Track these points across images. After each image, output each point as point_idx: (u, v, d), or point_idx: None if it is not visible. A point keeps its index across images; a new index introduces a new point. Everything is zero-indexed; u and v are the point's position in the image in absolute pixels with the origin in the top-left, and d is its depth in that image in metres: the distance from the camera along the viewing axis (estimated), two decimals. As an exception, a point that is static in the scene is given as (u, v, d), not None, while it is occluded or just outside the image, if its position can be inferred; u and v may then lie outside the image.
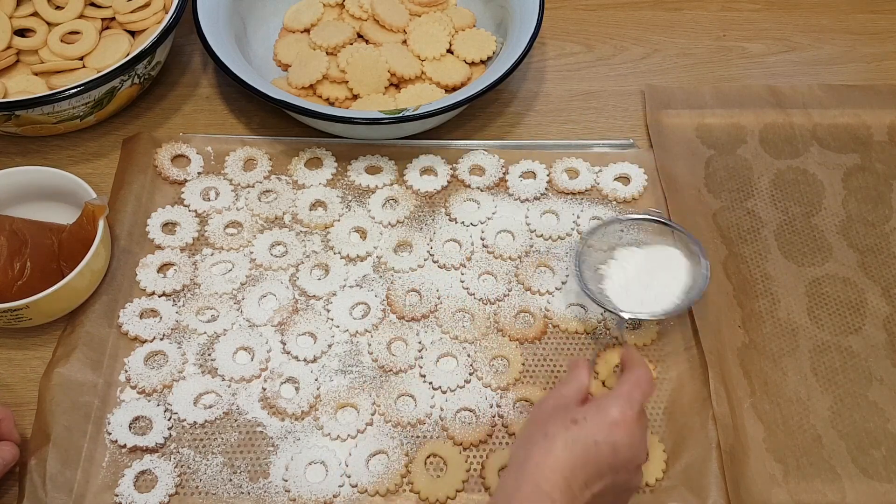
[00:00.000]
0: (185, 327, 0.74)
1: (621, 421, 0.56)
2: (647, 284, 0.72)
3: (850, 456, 0.68)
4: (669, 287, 0.72)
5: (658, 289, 0.72)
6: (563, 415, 0.57)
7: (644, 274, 0.73)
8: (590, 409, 0.57)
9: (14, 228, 0.71)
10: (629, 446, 0.56)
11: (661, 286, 0.72)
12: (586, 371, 0.61)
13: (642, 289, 0.72)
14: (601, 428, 0.56)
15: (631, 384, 0.59)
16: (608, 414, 0.56)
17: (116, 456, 0.67)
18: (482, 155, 0.85)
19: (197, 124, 0.88)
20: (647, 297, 0.72)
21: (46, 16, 0.86)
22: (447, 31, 0.89)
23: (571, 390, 0.60)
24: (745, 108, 0.90)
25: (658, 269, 0.73)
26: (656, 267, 0.73)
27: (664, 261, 0.74)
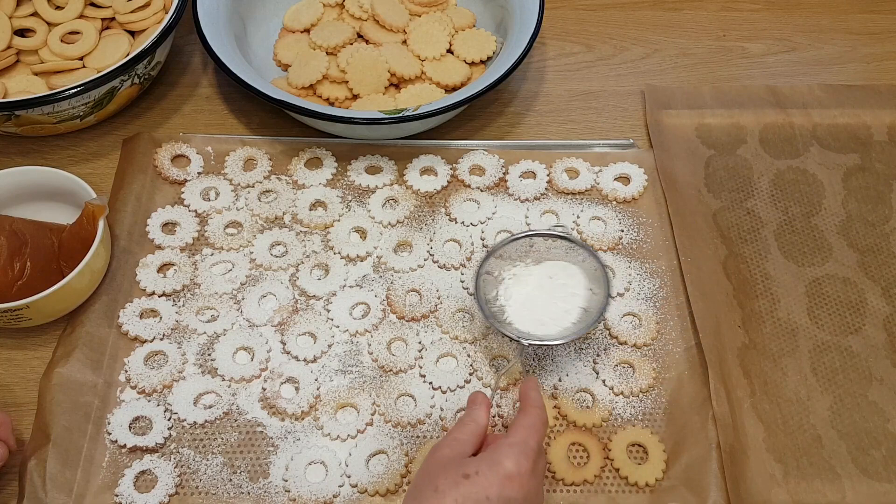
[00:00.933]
0: (185, 327, 0.74)
1: (515, 474, 0.54)
2: (545, 304, 0.69)
3: (850, 456, 0.68)
4: (569, 306, 0.69)
5: (557, 309, 0.69)
6: (455, 468, 0.55)
7: (543, 292, 0.70)
8: (483, 461, 0.55)
9: (14, 228, 0.71)
10: (524, 499, 0.55)
11: (559, 306, 0.69)
12: (485, 410, 0.60)
13: (541, 310, 0.69)
14: (494, 483, 0.54)
15: (525, 429, 0.57)
16: (502, 467, 0.54)
17: (116, 456, 0.67)
18: (482, 155, 0.85)
19: (197, 124, 0.88)
20: (546, 317, 0.69)
21: (46, 16, 0.86)
22: (447, 31, 0.89)
23: (467, 434, 0.58)
24: (745, 108, 0.90)
25: (557, 288, 0.70)
26: (555, 285, 0.70)
27: (563, 278, 0.70)
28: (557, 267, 0.71)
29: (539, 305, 0.69)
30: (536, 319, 0.69)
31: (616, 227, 0.80)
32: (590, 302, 0.69)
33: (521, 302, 0.70)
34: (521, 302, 0.70)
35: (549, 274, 0.71)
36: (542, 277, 0.71)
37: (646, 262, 0.78)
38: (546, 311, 0.69)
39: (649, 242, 0.80)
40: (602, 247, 0.79)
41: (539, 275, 0.71)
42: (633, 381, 0.71)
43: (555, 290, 0.70)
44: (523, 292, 0.70)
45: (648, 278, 0.77)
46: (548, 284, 0.70)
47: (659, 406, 0.70)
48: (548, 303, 0.69)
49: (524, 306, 0.69)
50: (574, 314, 0.69)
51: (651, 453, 0.68)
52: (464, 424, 0.59)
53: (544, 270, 0.71)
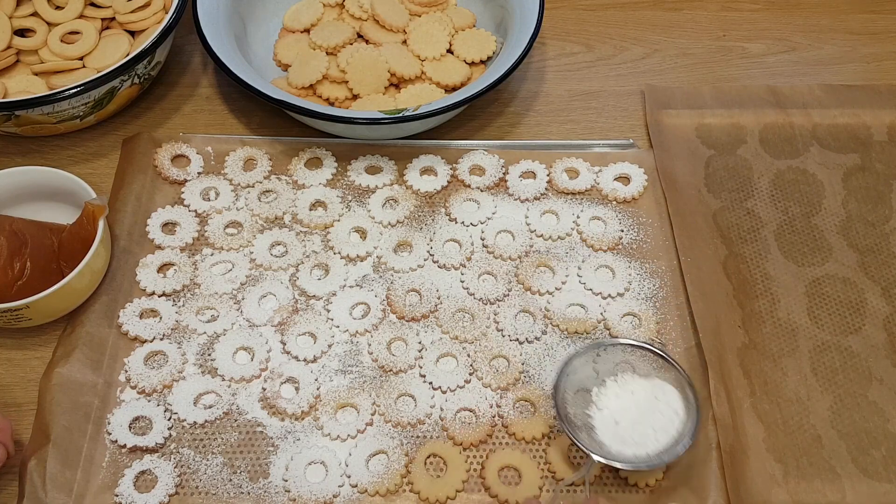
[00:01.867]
0: (185, 327, 0.74)
1: None
2: (632, 424, 0.64)
3: (850, 456, 0.68)
4: (658, 431, 0.64)
5: (642, 433, 0.64)
6: None
7: (633, 413, 0.65)
8: None
9: (14, 228, 0.71)
10: None
11: (645, 431, 0.64)
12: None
13: (626, 427, 0.64)
14: None
15: None
16: None
17: (116, 456, 0.67)
18: (482, 155, 0.85)
19: (197, 124, 0.88)
20: (627, 436, 0.64)
21: (46, 16, 0.86)
22: (447, 31, 0.89)
23: None
24: (745, 108, 0.90)
25: (649, 412, 0.65)
26: (648, 409, 0.65)
27: (658, 403, 0.65)
28: (662, 388, 0.66)
29: (630, 422, 0.64)
30: (621, 435, 0.64)
31: (616, 227, 0.80)
32: (680, 432, 0.64)
33: (613, 411, 0.65)
34: (613, 411, 0.65)
35: (654, 393, 0.65)
36: (645, 393, 0.65)
37: (646, 262, 0.78)
38: (635, 430, 0.64)
39: (649, 242, 0.80)
40: (602, 247, 0.79)
41: (643, 389, 0.66)
42: (633, 382, 0.71)
43: (652, 412, 0.65)
44: (619, 402, 0.65)
45: (648, 278, 0.77)
46: (648, 403, 0.65)
47: (659, 406, 0.70)
48: (639, 422, 0.64)
49: (615, 417, 0.65)
50: (662, 441, 0.64)
51: (651, 453, 0.67)
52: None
53: (650, 386, 0.66)
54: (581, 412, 0.65)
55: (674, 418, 0.65)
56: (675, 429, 0.64)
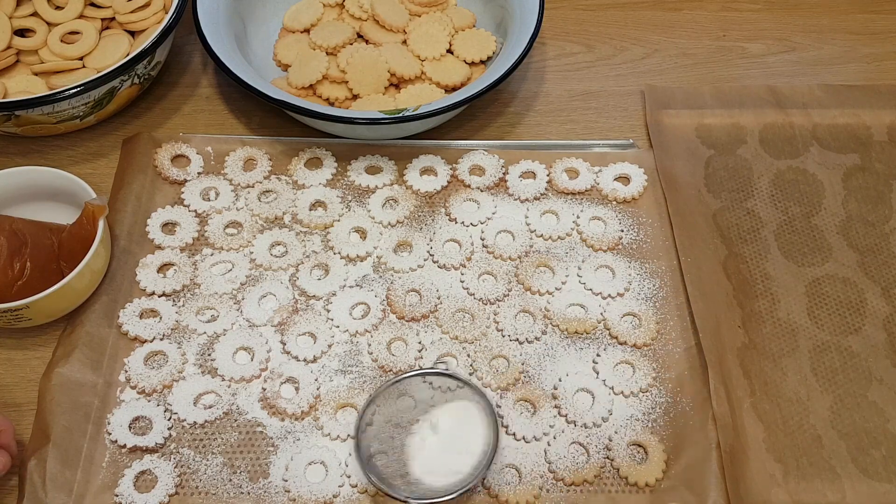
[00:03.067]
0: (185, 327, 0.74)
1: None
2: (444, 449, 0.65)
3: (850, 456, 0.68)
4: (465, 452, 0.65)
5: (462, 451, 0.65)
6: None
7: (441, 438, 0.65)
8: None
9: (14, 228, 0.71)
10: None
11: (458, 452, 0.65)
12: None
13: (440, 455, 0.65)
14: None
15: None
16: None
17: (116, 456, 0.67)
18: (482, 155, 0.85)
19: (197, 124, 0.88)
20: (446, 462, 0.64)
21: (46, 16, 0.86)
22: (447, 31, 0.89)
23: None
24: (745, 108, 0.90)
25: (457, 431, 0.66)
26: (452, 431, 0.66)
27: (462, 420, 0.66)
28: (459, 407, 0.67)
29: (437, 454, 0.65)
30: (435, 470, 0.64)
31: (616, 227, 0.80)
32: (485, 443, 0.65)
33: (422, 453, 0.65)
34: (422, 453, 0.65)
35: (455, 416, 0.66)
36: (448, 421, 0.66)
37: (646, 262, 0.78)
38: (444, 459, 0.65)
39: (649, 242, 0.80)
40: (602, 247, 0.79)
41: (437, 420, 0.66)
42: (633, 381, 0.71)
43: (452, 437, 0.65)
44: (423, 442, 0.65)
45: (648, 278, 0.77)
46: (446, 430, 0.66)
47: (659, 406, 0.70)
48: (446, 450, 0.65)
49: (425, 457, 0.65)
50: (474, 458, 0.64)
51: (651, 453, 0.68)
52: None
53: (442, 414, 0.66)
54: (393, 459, 0.64)
55: (478, 432, 0.65)
56: (482, 442, 0.65)
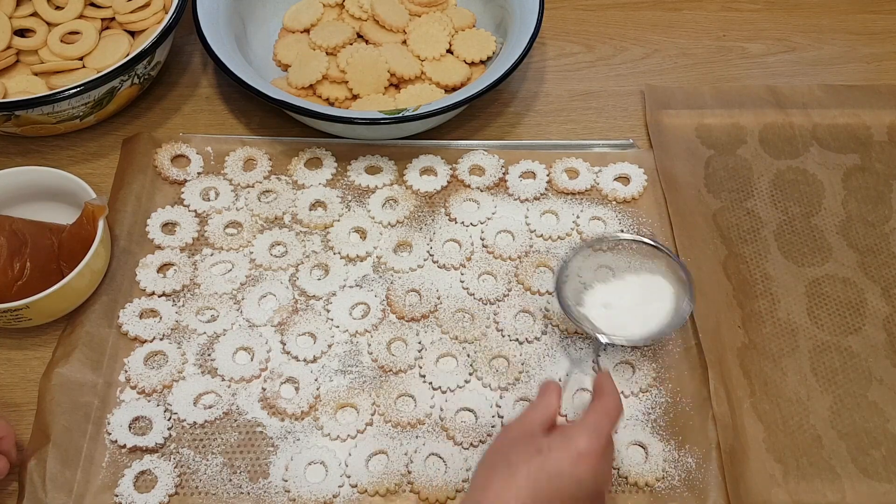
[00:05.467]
0: (184, 327, 0.74)
1: (587, 453, 0.55)
2: (630, 310, 0.70)
3: (850, 456, 0.68)
4: (652, 315, 0.69)
5: (641, 316, 0.69)
6: (527, 443, 0.55)
7: (628, 300, 0.70)
8: (555, 438, 0.56)
9: (14, 228, 0.71)
10: (593, 479, 0.55)
11: (644, 313, 0.69)
12: (556, 396, 0.60)
13: (625, 314, 0.70)
14: (566, 459, 0.54)
15: (600, 413, 0.58)
16: (575, 445, 0.55)
17: (116, 456, 0.67)
18: (482, 155, 0.85)
19: (197, 124, 0.88)
20: (629, 322, 0.69)
21: (46, 16, 0.86)
22: (447, 31, 0.89)
23: (539, 416, 0.58)
24: (745, 108, 0.90)
25: (643, 296, 0.70)
26: (641, 293, 0.71)
27: (650, 288, 0.71)
28: (652, 280, 0.71)
29: (623, 310, 0.70)
30: (618, 323, 0.69)
31: (616, 228, 0.80)
32: (674, 308, 0.69)
33: (604, 303, 0.70)
34: (604, 303, 0.70)
35: (637, 282, 0.71)
36: (631, 284, 0.71)
37: (646, 262, 0.78)
38: (629, 315, 0.69)
39: (649, 242, 0.80)
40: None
41: (629, 282, 0.71)
42: (633, 381, 0.71)
43: (641, 298, 0.70)
44: (608, 296, 0.70)
45: (648, 278, 0.77)
46: (635, 292, 0.70)
47: (659, 406, 0.70)
48: (631, 309, 0.70)
49: (607, 308, 0.70)
50: (655, 321, 0.69)
51: (651, 453, 0.68)
52: (535, 407, 0.59)
53: (634, 278, 0.71)
54: (577, 306, 0.70)
55: (663, 302, 0.70)
56: (666, 310, 0.69)
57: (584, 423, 0.57)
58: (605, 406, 0.59)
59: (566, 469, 0.54)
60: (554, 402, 0.59)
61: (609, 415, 0.58)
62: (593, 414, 0.58)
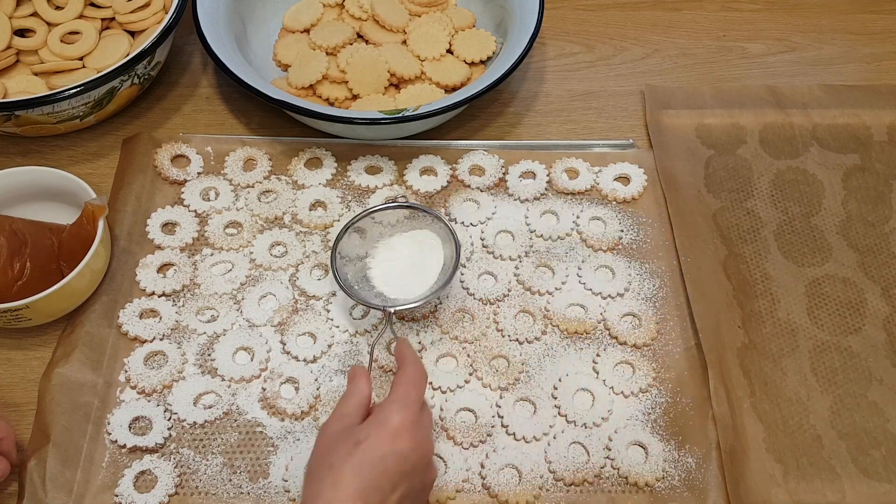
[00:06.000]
0: (184, 327, 0.74)
1: (402, 428, 0.56)
2: (408, 271, 0.73)
3: (850, 456, 0.68)
4: (429, 269, 0.73)
5: (419, 273, 0.73)
6: (345, 439, 0.56)
7: (403, 262, 0.74)
8: (371, 424, 0.57)
9: (14, 228, 0.71)
10: (414, 449, 0.57)
11: (420, 270, 0.73)
12: (365, 380, 0.61)
13: (404, 276, 0.73)
14: (385, 441, 0.56)
15: (406, 384, 0.59)
16: (389, 424, 0.56)
17: (116, 456, 0.67)
18: (482, 155, 0.85)
19: (197, 124, 0.88)
20: (410, 283, 0.72)
21: (46, 16, 0.86)
22: (447, 31, 0.89)
23: (352, 406, 0.59)
24: (745, 108, 0.90)
25: (416, 254, 0.74)
26: (414, 251, 0.74)
27: (420, 244, 0.74)
28: (412, 236, 0.75)
29: (401, 273, 0.73)
30: (402, 286, 0.72)
31: (616, 228, 0.80)
32: (446, 260, 0.73)
33: (385, 272, 0.73)
34: (385, 272, 0.73)
35: (405, 244, 0.75)
36: (400, 248, 0.75)
37: (646, 262, 0.78)
38: (408, 276, 0.73)
39: (649, 242, 0.80)
40: (602, 247, 0.79)
41: (397, 246, 0.75)
42: (633, 381, 0.71)
43: (413, 257, 0.74)
44: (385, 264, 0.74)
45: (648, 278, 0.77)
46: (407, 254, 0.74)
47: (659, 406, 0.70)
48: (408, 269, 0.73)
49: (389, 276, 0.73)
50: (433, 274, 0.73)
51: (651, 453, 0.68)
52: (347, 398, 0.60)
53: (401, 241, 0.75)
54: (360, 278, 0.73)
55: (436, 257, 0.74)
56: (439, 260, 0.73)
57: (393, 397, 0.58)
58: (409, 375, 0.60)
59: (387, 449, 0.56)
60: (364, 388, 0.61)
61: (415, 382, 0.60)
62: (400, 386, 0.59)
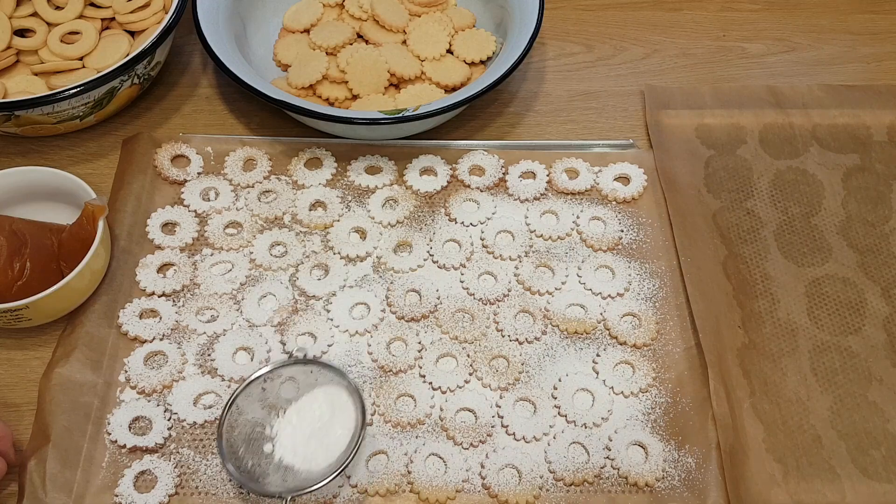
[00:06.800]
0: (184, 327, 0.74)
1: None
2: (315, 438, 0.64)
3: (849, 456, 0.68)
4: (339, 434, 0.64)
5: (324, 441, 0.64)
6: None
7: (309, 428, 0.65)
8: None
9: (14, 228, 0.71)
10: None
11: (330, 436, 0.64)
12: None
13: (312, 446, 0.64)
14: None
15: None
16: None
17: (116, 456, 0.67)
18: (482, 155, 0.85)
19: (197, 124, 0.88)
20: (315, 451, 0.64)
21: (46, 16, 0.86)
22: (447, 31, 0.89)
23: None
24: (745, 108, 0.90)
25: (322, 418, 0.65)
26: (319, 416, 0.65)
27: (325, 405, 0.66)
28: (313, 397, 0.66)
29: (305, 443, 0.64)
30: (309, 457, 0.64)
31: (616, 228, 0.80)
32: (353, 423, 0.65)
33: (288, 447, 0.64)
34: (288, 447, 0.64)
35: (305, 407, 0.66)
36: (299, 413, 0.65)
37: (646, 262, 0.78)
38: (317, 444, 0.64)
39: (649, 242, 0.80)
40: (602, 247, 0.79)
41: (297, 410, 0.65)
42: (633, 381, 0.71)
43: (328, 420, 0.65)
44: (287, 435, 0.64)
45: (648, 278, 0.77)
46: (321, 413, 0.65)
47: (659, 406, 0.70)
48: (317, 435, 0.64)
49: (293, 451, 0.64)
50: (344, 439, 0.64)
51: (651, 453, 0.68)
52: None
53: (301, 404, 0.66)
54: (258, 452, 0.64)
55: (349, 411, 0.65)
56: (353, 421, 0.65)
57: None
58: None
59: None
60: None
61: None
62: None
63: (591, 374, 0.72)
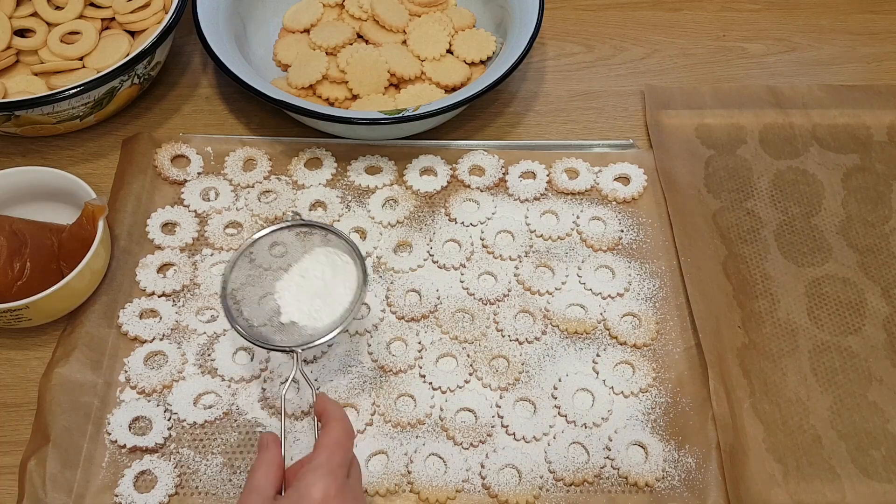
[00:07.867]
0: (184, 327, 0.74)
1: (325, 499, 0.52)
2: (317, 297, 0.66)
3: (849, 456, 0.68)
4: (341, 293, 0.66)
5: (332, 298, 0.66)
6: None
7: (310, 288, 0.66)
8: (290, 497, 0.52)
9: (14, 228, 0.71)
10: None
11: (331, 296, 0.66)
12: (275, 448, 0.57)
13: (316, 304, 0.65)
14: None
15: (327, 447, 0.54)
16: (310, 497, 0.52)
17: (116, 456, 0.67)
18: (482, 155, 0.85)
19: (197, 124, 0.88)
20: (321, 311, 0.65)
21: (46, 16, 0.86)
22: (447, 31, 0.89)
23: (263, 478, 0.55)
24: (745, 108, 0.90)
25: (324, 277, 0.66)
26: (321, 275, 0.66)
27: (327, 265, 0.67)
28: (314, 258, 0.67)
29: (312, 297, 0.66)
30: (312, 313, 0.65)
31: (616, 228, 0.80)
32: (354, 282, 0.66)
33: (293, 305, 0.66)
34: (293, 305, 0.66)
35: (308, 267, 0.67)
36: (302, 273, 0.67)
37: (646, 263, 0.78)
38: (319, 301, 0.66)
39: (649, 242, 0.80)
40: (602, 247, 0.79)
41: (300, 270, 0.67)
42: (633, 381, 0.71)
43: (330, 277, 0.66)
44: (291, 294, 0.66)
45: (648, 278, 0.77)
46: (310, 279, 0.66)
47: (659, 406, 0.70)
48: (320, 293, 0.66)
49: (298, 308, 0.66)
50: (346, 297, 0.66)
51: (651, 453, 0.68)
52: (257, 468, 0.55)
53: (304, 265, 0.67)
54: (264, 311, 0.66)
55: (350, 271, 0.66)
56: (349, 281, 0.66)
57: (314, 465, 0.53)
58: (333, 437, 0.55)
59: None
60: (275, 457, 0.56)
61: (340, 445, 0.55)
62: (322, 451, 0.54)
63: (591, 374, 0.72)
